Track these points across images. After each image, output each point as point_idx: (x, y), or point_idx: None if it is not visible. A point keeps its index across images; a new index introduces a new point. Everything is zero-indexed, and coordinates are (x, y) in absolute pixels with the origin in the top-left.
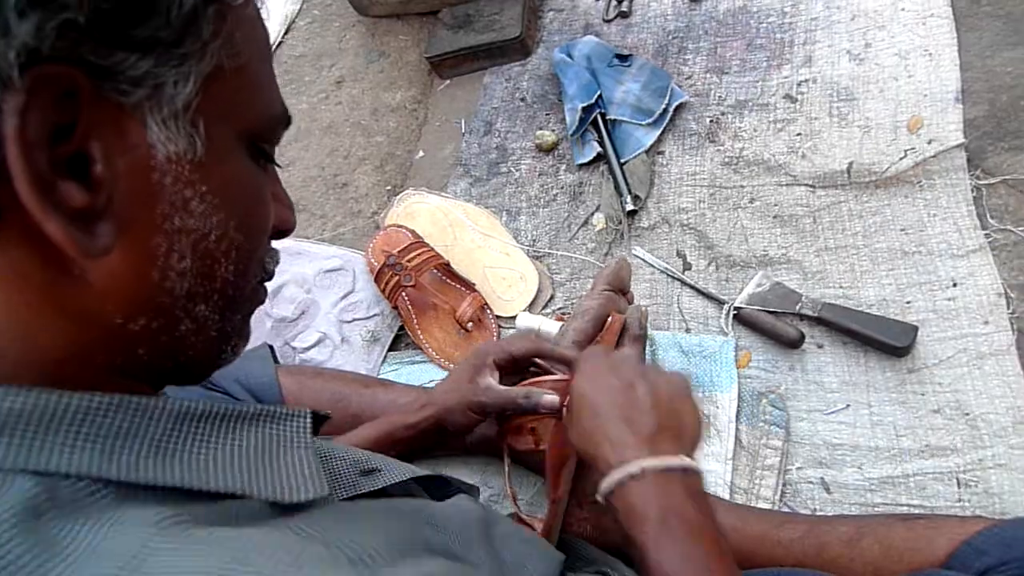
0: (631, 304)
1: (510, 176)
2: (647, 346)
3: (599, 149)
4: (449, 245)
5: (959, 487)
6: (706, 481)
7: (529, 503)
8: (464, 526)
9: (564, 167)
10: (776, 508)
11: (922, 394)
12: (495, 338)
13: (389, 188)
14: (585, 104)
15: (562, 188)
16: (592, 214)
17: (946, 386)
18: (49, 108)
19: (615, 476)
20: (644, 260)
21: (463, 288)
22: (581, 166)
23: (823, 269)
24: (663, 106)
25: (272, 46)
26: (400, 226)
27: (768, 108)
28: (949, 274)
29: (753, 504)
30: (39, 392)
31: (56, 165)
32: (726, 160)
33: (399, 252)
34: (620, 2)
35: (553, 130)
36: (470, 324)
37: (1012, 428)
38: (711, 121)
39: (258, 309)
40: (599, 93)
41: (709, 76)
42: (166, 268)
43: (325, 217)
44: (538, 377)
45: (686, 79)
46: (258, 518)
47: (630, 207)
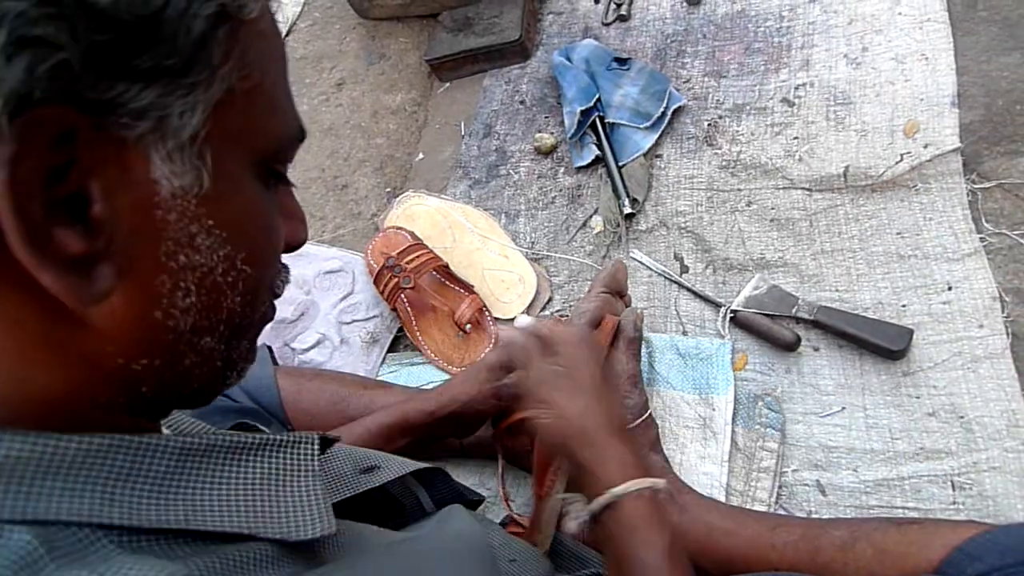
0: (629, 306)
1: (509, 179)
2: (643, 348)
3: (597, 152)
4: (448, 247)
5: (954, 490)
6: (701, 484)
7: (526, 505)
8: (457, 552)
9: (563, 170)
10: (772, 510)
11: (917, 397)
12: (493, 340)
13: (389, 190)
14: (584, 107)
15: (561, 191)
16: (590, 217)
17: (941, 389)
18: (43, 153)
19: (641, 483)
20: (642, 263)
21: (462, 290)
22: (579, 169)
23: (819, 272)
24: (661, 109)
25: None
26: (399, 228)
27: (765, 112)
28: (944, 278)
29: (749, 506)
30: (36, 437)
31: (51, 210)
32: (723, 163)
33: (398, 254)
34: (619, 6)
35: (552, 133)
36: (468, 326)
37: (1007, 431)
38: (709, 125)
39: None
40: (598, 96)
41: (707, 80)
42: (170, 306)
43: (325, 219)
44: None
45: (684, 83)
46: (266, 564)
47: (628, 210)
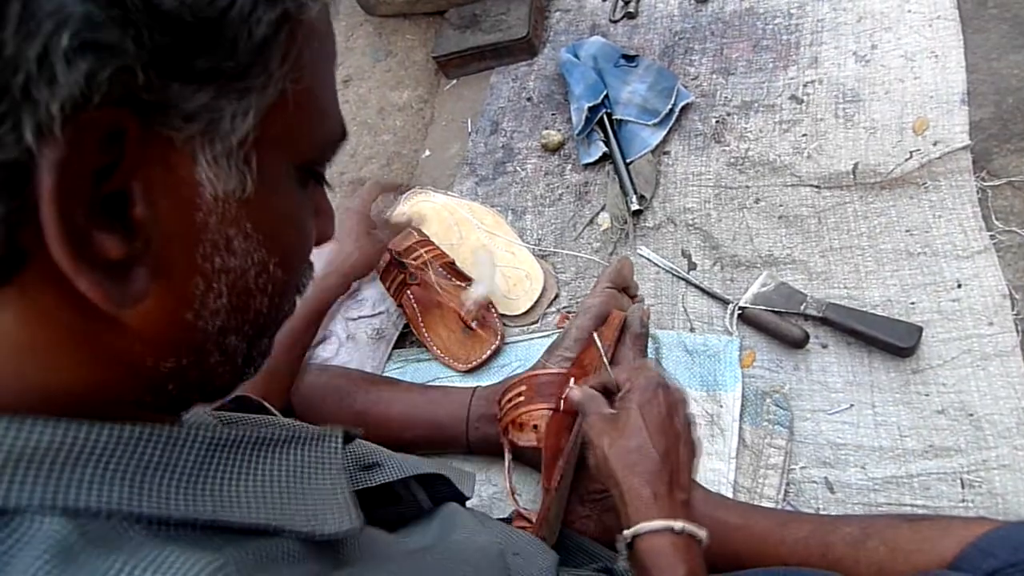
0: (638, 303)
1: (516, 175)
2: (651, 344)
3: (605, 149)
4: (455, 244)
5: (963, 488)
6: (708, 481)
7: (533, 500)
8: (479, 569)
9: (570, 167)
10: (779, 507)
11: (926, 395)
12: (499, 337)
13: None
14: (591, 104)
15: (568, 188)
16: (597, 213)
17: (950, 387)
18: (91, 157)
19: (657, 524)
20: (649, 260)
21: (468, 286)
22: (587, 166)
23: (828, 269)
24: (669, 106)
25: None
26: None
27: (774, 109)
28: (954, 275)
29: (756, 503)
30: (67, 425)
31: (93, 213)
32: (731, 160)
33: (405, 250)
34: (627, 3)
35: (559, 130)
36: (475, 322)
37: (1016, 429)
38: (717, 122)
39: None
40: (605, 93)
41: (715, 77)
42: (201, 308)
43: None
44: (537, 371)
45: (692, 80)
46: (292, 562)
47: (635, 207)
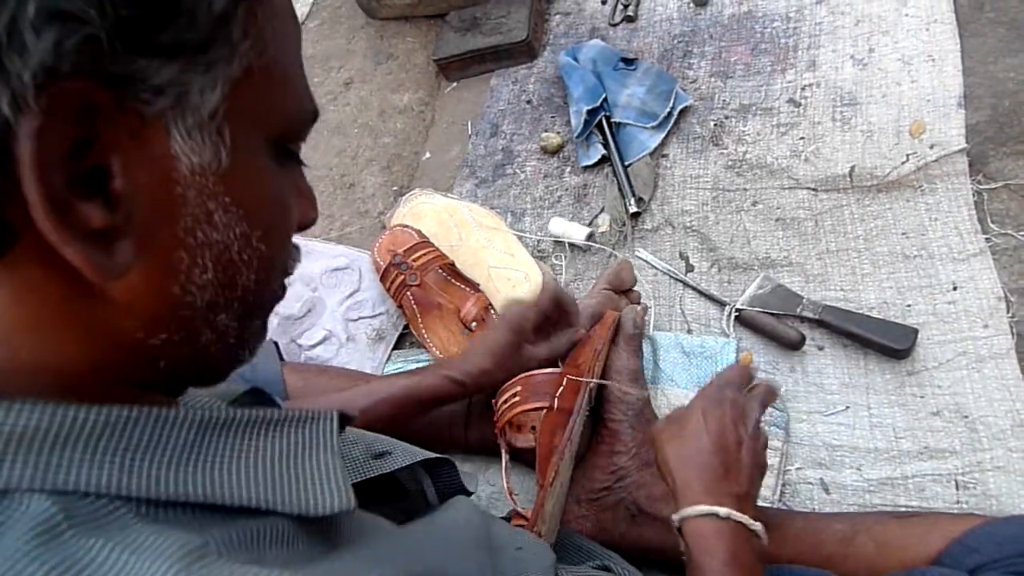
0: (639, 304)
1: (515, 178)
2: (648, 346)
3: (604, 151)
4: (454, 245)
5: (958, 489)
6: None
7: (530, 500)
8: (464, 540)
9: (569, 169)
10: (774, 507)
11: (921, 396)
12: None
13: (396, 189)
14: (590, 107)
15: (567, 190)
16: (596, 216)
17: (945, 389)
18: (66, 126)
19: (701, 509)
20: (647, 262)
21: (467, 288)
22: (586, 168)
23: (824, 272)
24: (667, 109)
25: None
26: (406, 226)
27: (772, 112)
28: (950, 278)
29: None
30: (55, 407)
31: (73, 184)
32: (729, 163)
33: (405, 252)
34: (626, 6)
35: (558, 132)
36: (474, 324)
37: (1011, 431)
38: (715, 125)
39: None
40: (604, 96)
41: (713, 80)
42: (187, 282)
43: (332, 216)
44: (532, 371)
45: (691, 83)
46: (282, 543)
47: (634, 209)
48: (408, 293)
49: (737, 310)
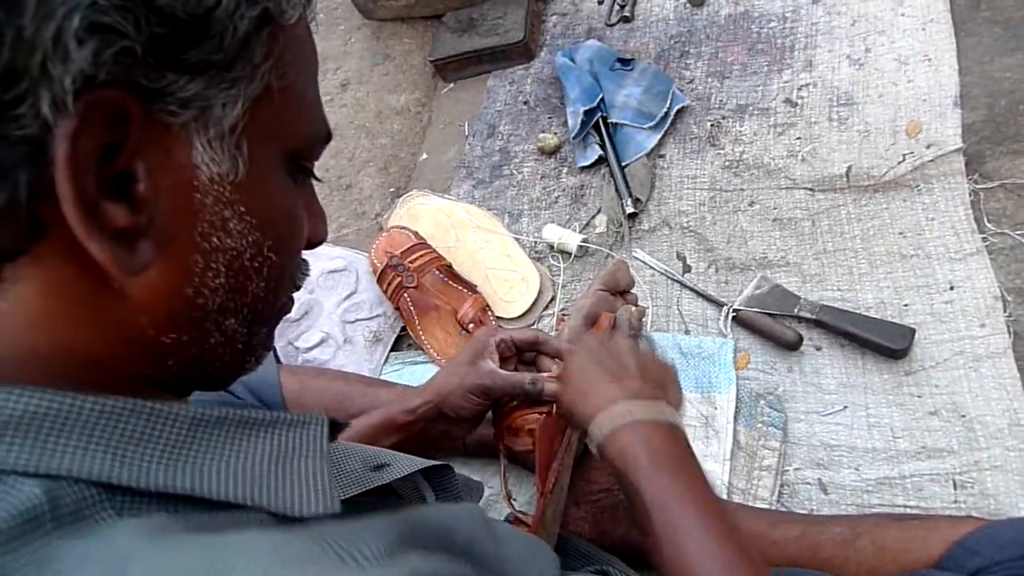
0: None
1: (513, 178)
2: (646, 346)
3: (601, 152)
4: (452, 247)
5: (955, 489)
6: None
7: (529, 503)
8: (472, 522)
9: (566, 170)
10: (773, 508)
11: (919, 396)
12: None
13: (393, 190)
14: (587, 107)
15: (564, 191)
16: (593, 216)
17: (943, 388)
18: (100, 131)
19: (605, 422)
20: (644, 262)
21: (465, 289)
22: (583, 169)
23: (822, 272)
24: (664, 110)
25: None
26: (403, 228)
27: (768, 112)
28: (947, 277)
29: (751, 504)
30: (53, 394)
31: (102, 186)
32: (726, 164)
33: (402, 253)
34: (623, 7)
35: (555, 133)
36: (471, 325)
37: (1008, 430)
38: (712, 125)
39: None
40: (601, 96)
41: (710, 80)
42: (201, 285)
43: (329, 218)
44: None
45: (687, 83)
46: (261, 528)
47: (631, 210)
48: (405, 295)
49: (734, 310)
